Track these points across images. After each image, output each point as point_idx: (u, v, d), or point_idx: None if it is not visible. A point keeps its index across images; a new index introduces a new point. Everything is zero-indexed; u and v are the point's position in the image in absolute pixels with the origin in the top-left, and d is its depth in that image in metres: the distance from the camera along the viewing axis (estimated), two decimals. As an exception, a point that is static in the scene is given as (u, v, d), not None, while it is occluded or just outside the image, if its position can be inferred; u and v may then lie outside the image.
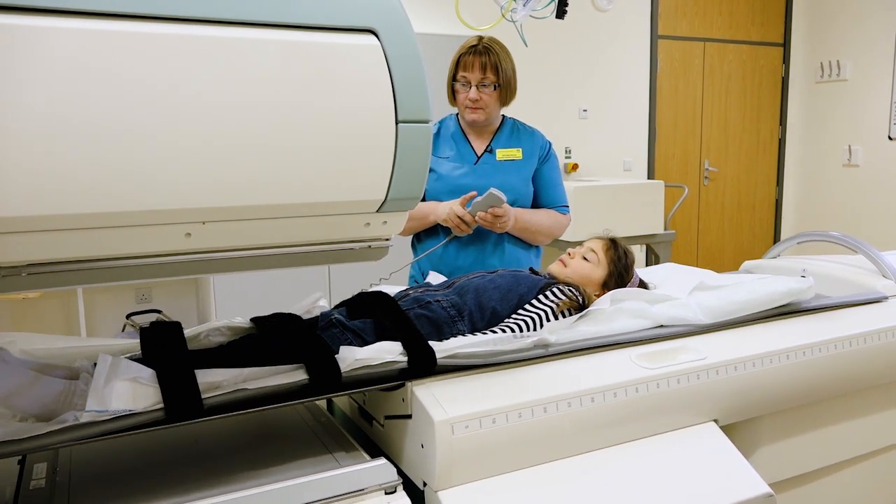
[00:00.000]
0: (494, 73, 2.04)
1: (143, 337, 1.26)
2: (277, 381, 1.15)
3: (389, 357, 1.24)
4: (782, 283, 1.67)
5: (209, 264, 1.04)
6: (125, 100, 0.84)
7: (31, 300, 3.97)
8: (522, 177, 2.12)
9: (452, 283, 1.58)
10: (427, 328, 1.40)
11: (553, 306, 1.52)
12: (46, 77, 0.80)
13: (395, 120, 1.00)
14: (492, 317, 1.50)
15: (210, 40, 0.88)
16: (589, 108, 5.20)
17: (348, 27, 0.96)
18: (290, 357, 1.19)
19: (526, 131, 2.20)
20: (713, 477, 1.36)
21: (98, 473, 1.22)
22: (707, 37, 5.63)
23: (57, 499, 1.13)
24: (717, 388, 1.46)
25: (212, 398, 1.09)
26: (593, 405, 1.31)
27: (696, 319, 1.54)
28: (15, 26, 0.78)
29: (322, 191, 0.99)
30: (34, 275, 0.94)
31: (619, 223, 4.44)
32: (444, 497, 1.19)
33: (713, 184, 5.85)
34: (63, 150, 0.82)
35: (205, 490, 1.11)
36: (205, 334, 1.37)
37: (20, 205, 0.82)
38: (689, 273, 2.00)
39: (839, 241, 2.09)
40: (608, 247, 1.74)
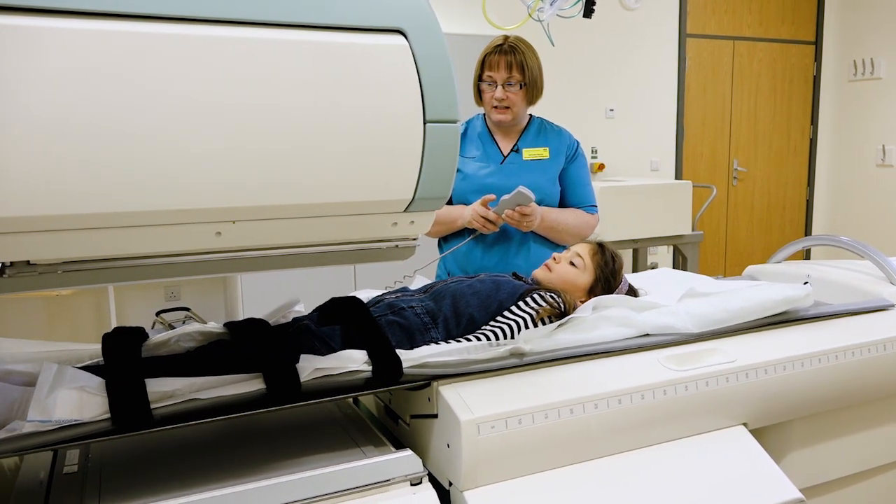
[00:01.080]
0: (520, 71, 2.03)
1: (103, 343, 1.21)
2: (233, 390, 1.11)
3: (353, 366, 1.20)
4: (778, 291, 1.59)
5: (239, 263, 1.05)
6: (159, 101, 0.85)
7: (63, 297, 4.05)
8: (549, 176, 2.11)
9: (430, 288, 1.53)
10: (399, 335, 1.35)
11: (532, 313, 1.45)
12: (84, 77, 0.81)
13: (423, 120, 1.00)
14: (469, 324, 1.44)
15: (241, 42, 0.89)
16: (616, 107, 5.16)
17: (377, 28, 0.97)
18: (249, 365, 1.15)
19: (553, 130, 2.18)
20: (743, 481, 1.34)
21: (130, 459, 1.24)
22: (737, 35, 5.56)
23: (89, 484, 1.16)
24: (746, 391, 1.44)
25: (162, 408, 1.06)
26: (620, 407, 1.30)
27: (685, 328, 1.46)
28: (64, 29, 0.80)
29: (350, 190, 0.99)
30: (69, 272, 0.96)
31: (645, 224, 4.40)
32: (470, 497, 1.19)
33: (742, 184, 5.77)
34: (99, 150, 0.83)
35: (234, 478, 1.12)
36: (175, 339, 1.32)
37: (57, 204, 0.83)
38: (684, 279, 1.94)
39: (845, 246, 2.01)
40: (595, 251, 1.67)
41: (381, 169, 1.00)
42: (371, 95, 0.96)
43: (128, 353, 1.15)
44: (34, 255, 0.91)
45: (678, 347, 1.44)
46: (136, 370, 1.09)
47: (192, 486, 1.10)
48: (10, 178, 0.80)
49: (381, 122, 0.98)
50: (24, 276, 0.94)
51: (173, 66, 0.85)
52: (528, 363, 1.32)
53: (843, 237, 2.07)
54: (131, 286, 4.19)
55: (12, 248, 0.88)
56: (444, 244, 2.19)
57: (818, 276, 1.99)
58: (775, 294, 1.57)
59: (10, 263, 0.92)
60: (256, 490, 1.07)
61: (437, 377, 1.24)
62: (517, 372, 1.30)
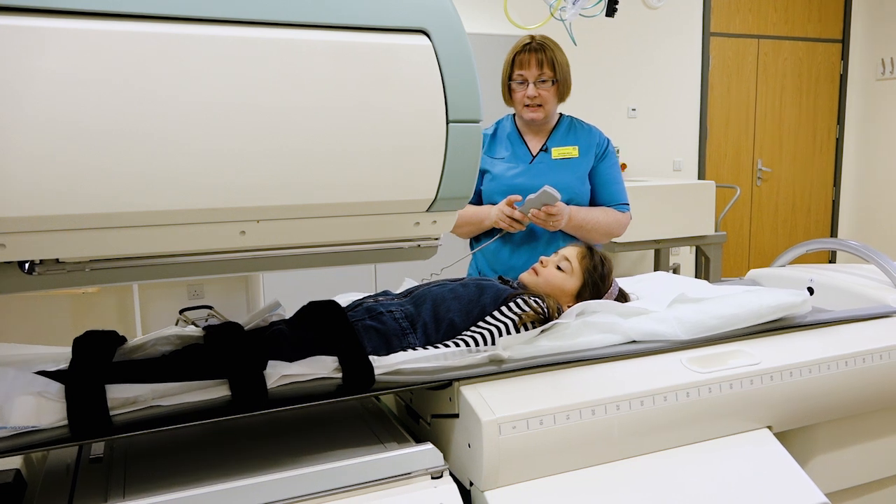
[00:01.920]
0: (551, 68, 2.04)
1: (73, 347, 1.18)
2: (198, 396, 1.10)
3: (322, 373, 1.18)
4: (774, 297, 1.53)
5: (262, 262, 1.06)
6: (186, 102, 0.86)
7: (89, 295, 4.11)
8: (578, 175, 2.09)
9: (412, 292, 1.50)
10: (375, 341, 1.31)
11: (515, 319, 1.41)
12: (114, 78, 0.82)
13: (446, 120, 1.00)
14: (449, 329, 1.40)
15: (266, 42, 0.90)
16: (638, 107, 5.13)
17: (400, 28, 0.97)
18: (215, 371, 1.13)
19: (583, 128, 2.17)
20: (767, 485, 1.33)
21: (155, 447, 1.26)
22: (761, 34, 5.49)
23: (114, 471, 1.18)
24: (771, 393, 1.42)
25: (122, 415, 1.05)
26: (643, 409, 1.29)
27: (673, 335, 1.42)
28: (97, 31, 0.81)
29: (373, 190, 1.00)
30: (96, 270, 0.98)
31: (668, 224, 4.36)
32: (491, 497, 1.19)
33: (766, 184, 5.70)
34: (127, 151, 0.84)
35: (258, 469, 1.13)
36: (152, 343, 1.30)
37: (85, 203, 0.85)
38: (679, 283, 1.89)
39: (850, 250, 1.96)
40: (583, 255, 1.62)
41: (403, 169, 1.00)
42: (394, 95, 0.97)
43: (90, 357, 1.12)
44: (63, 253, 0.92)
45: (702, 349, 1.43)
46: (96, 375, 1.06)
47: (217, 476, 1.11)
48: (39, 178, 0.82)
49: (404, 122, 0.98)
50: (53, 273, 0.96)
51: (199, 67, 0.86)
52: (548, 364, 1.31)
53: (850, 241, 2.01)
54: (155, 284, 4.24)
55: (42, 246, 0.89)
56: (475, 244, 2.19)
57: (821, 280, 1.94)
58: (771, 300, 1.52)
59: (39, 261, 0.94)
60: (280, 481, 1.08)
61: (460, 378, 1.24)
62: (539, 372, 1.30)
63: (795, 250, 2.19)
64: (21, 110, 0.79)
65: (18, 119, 0.79)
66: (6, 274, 0.95)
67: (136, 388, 1.07)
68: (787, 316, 1.55)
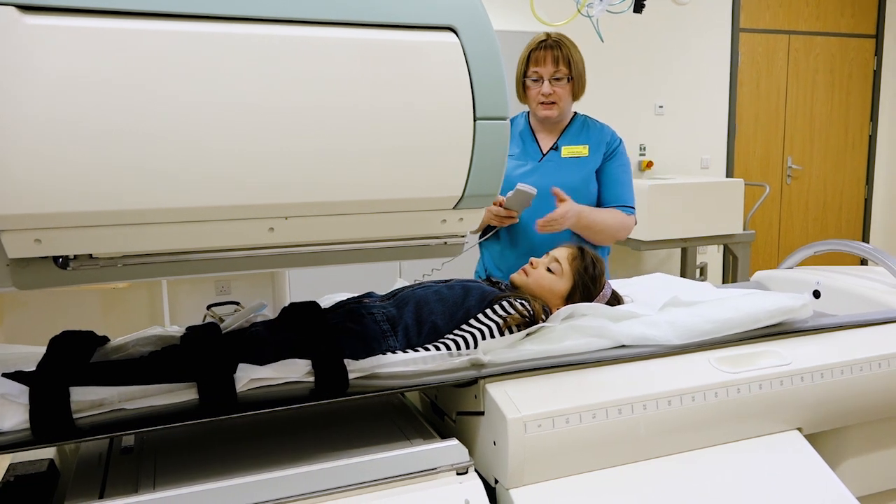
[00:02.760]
0: (567, 66, 2.03)
1: (47, 348, 1.17)
2: (166, 399, 1.08)
3: (294, 377, 1.16)
4: (771, 301, 1.48)
5: (290, 258, 1.07)
6: (217, 101, 0.87)
7: (119, 290, 4.18)
8: (584, 174, 2.07)
9: (396, 294, 1.47)
10: (354, 344, 1.27)
11: (499, 321, 1.38)
12: (142, 76, 0.84)
13: (474, 117, 1.00)
14: (431, 331, 1.37)
15: (294, 40, 0.90)
16: (665, 104, 5.07)
17: (428, 25, 0.97)
18: (184, 374, 1.11)
19: (595, 127, 2.15)
20: (797, 487, 1.31)
21: (184, 440, 1.28)
22: (792, 29, 5.40)
23: (145, 459, 1.20)
24: (801, 395, 1.40)
25: (87, 418, 1.04)
26: (670, 408, 1.28)
27: (664, 339, 1.37)
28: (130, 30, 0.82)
29: (401, 187, 1.00)
30: (128, 266, 0.99)
31: (695, 223, 4.32)
32: (516, 495, 1.19)
33: (797, 182, 5.61)
34: (159, 148, 0.86)
35: (285, 463, 1.14)
36: (133, 344, 1.29)
37: (118, 199, 0.86)
38: (679, 285, 1.84)
39: (859, 252, 1.91)
40: (574, 256, 1.57)
41: (431, 166, 1.00)
42: (422, 93, 0.97)
43: (57, 359, 1.11)
44: (96, 248, 0.94)
45: (730, 349, 1.41)
46: (60, 378, 1.05)
47: (245, 468, 1.12)
48: (74, 175, 0.83)
49: (432, 120, 0.98)
50: (86, 268, 0.98)
51: (228, 65, 0.87)
52: (573, 363, 1.30)
53: (861, 243, 1.95)
54: (183, 280, 4.30)
55: (76, 242, 0.91)
56: (485, 244, 2.19)
57: (829, 283, 1.89)
58: (769, 304, 1.47)
59: (73, 256, 0.96)
60: (307, 474, 1.09)
61: (484, 377, 1.24)
62: (565, 371, 1.29)
63: (803, 252, 2.14)
64: (57, 109, 0.81)
65: (54, 117, 0.81)
66: (41, 269, 0.97)
67: (102, 391, 1.06)
68: (786, 320, 1.50)
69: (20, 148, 0.80)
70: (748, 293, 1.59)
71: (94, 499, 1.07)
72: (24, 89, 0.79)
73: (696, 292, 1.67)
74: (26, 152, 0.81)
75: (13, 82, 0.79)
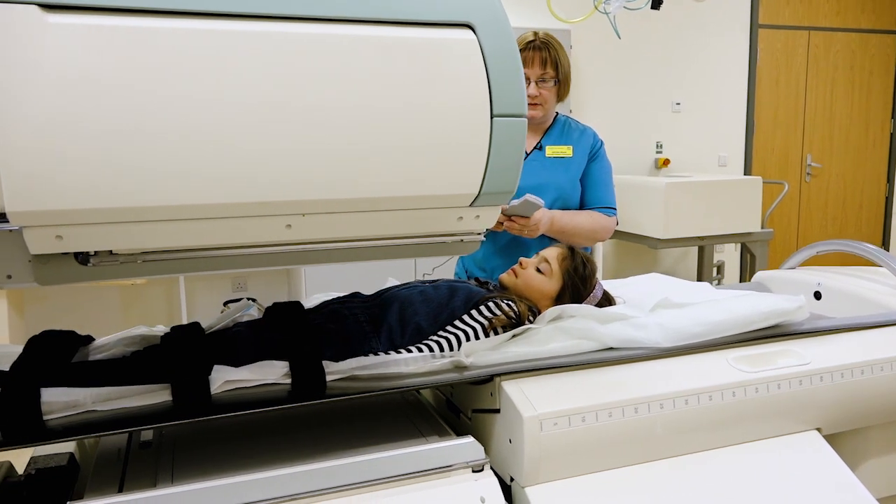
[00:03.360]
0: (554, 68, 2.02)
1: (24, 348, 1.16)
2: (140, 401, 1.07)
3: (270, 379, 1.14)
4: (765, 303, 1.46)
5: (307, 255, 1.08)
6: (235, 98, 0.87)
7: (138, 286, 4.22)
8: (570, 176, 2.08)
9: (381, 294, 1.45)
10: (336, 345, 1.26)
11: (485, 323, 1.36)
12: (161, 75, 0.84)
13: (490, 114, 1.00)
14: (414, 333, 1.34)
15: (311, 37, 0.91)
16: (682, 101, 5.04)
17: (445, 22, 0.97)
18: (159, 375, 1.10)
19: (577, 129, 2.15)
20: (816, 488, 1.30)
21: (201, 435, 1.29)
22: (812, 25, 5.34)
23: (163, 454, 1.21)
24: (821, 395, 1.38)
25: (58, 419, 1.03)
26: (687, 408, 1.27)
27: (653, 342, 1.34)
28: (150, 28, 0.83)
29: (417, 185, 1.00)
30: (148, 262, 1.00)
31: (712, 221, 4.29)
32: (532, 493, 1.19)
33: (816, 180, 5.55)
34: (178, 145, 0.86)
35: (301, 459, 1.15)
36: (115, 343, 1.28)
37: (139, 196, 0.87)
38: (676, 286, 1.80)
39: (861, 253, 1.87)
40: (564, 256, 1.54)
41: (447, 163, 1.00)
42: (439, 90, 0.97)
43: (30, 360, 1.10)
44: (116, 244, 0.95)
45: (748, 348, 1.40)
46: (31, 379, 1.04)
47: (261, 464, 1.13)
48: (95, 172, 0.84)
49: (449, 117, 0.98)
50: (106, 264, 0.99)
51: (245, 62, 0.88)
52: (591, 362, 1.30)
53: (864, 243, 1.91)
54: (201, 277, 4.34)
55: (96, 238, 0.92)
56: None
57: (830, 284, 1.85)
58: (763, 306, 1.44)
59: (94, 252, 0.97)
60: (323, 470, 1.10)
61: (499, 374, 1.24)
62: (582, 369, 1.29)
63: (805, 252, 2.10)
64: (77, 106, 0.82)
65: (75, 115, 0.82)
66: (62, 264, 0.99)
67: (75, 392, 1.06)
68: (781, 323, 1.47)
69: (42, 145, 0.81)
70: (744, 294, 1.56)
71: (114, 492, 1.08)
72: (46, 87, 0.80)
73: (692, 293, 1.64)
74: (48, 149, 0.82)
75: (36, 80, 0.80)
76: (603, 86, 4.78)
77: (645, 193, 4.24)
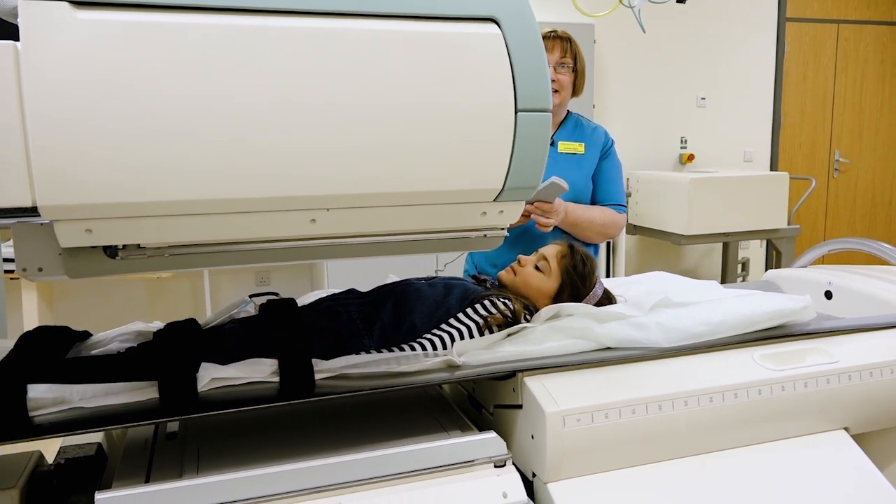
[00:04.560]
0: (572, 57, 2.08)
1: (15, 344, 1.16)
2: (127, 398, 1.07)
3: (258, 377, 1.13)
4: (769, 303, 1.42)
5: (331, 250, 1.08)
6: (262, 95, 0.88)
7: (163, 280, 4.28)
8: (583, 172, 2.10)
9: (376, 291, 1.42)
10: (328, 343, 1.24)
11: (480, 321, 1.34)
12: (188, 71, 0.85)
13: (515, 109, 0.99)
14: (409, 331, 1.32)
15: (337, 33, 0.91)
16: (708, 95, 4.98)
17: (470, 17, 0.97)
18: (146, 372, 1.09)
19: (589, 127, 2.18)
20: (842, 488, 1.28)
21: (226, 427, 1.30)
22: (842, 18, 5.24)
23: (189, 445, 1.23)
24: (849, 394, 1.36)
25: (44, 416, 1.03)
26: (712, 405, 1.26)
27: (652, 342, 1.30)
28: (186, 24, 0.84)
29: (441, 180, 1.00)
30: (175, 256, 1.01)
31: (737, 217, 4.24)
32: (554, 489, 1.18)
33: (844, 176, 5.46)
34: (206, 141, 0.87)
35: (323, 452, 1.15)
36: (112, 339, 1.28)
37: (167, 190, 0.88)
38: (683, 284, 1.76)
39: (874, 251, 1.82)
40: (563, 254, 1.51)
41: (471, 158, 1.00)
42: (463, 85, 0.97)
43: (17, 356, 1.11)
44: (144, 238, 0.96)
45: (774, 346, 1.38)
46: (18, 375, 1.04)
47: (285, 457, 1.13)
48: (124, 168, 0.85)
49: (473, 112, 0.98)
50: (134, 258, 1.00)
51: (271, 58, 0.88)
52: (613, 359, 1.29)
53: (877, 242, 1.86)
54: (224, 271, 4.38)
55: (125, 232, 0.93)
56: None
57: (842, 283, 1.80)
58: (766, 306, 1.41)
59: (122, 246, 0.98)
60: (345, 463, 1.10)
61: (522, 370, 1.23)
62: (606, 366, 1.28)
63: (817, 250, 2.06)
64: (107, 102, 0.83)
65: (104, 110, 0.83)
66: (92, 258, 1.00)
67: (62, 389, 1.06)
68: (786, 323, 1.44)
69: (72, 140, 0.82)
70: (746, 294, 1.53)
71: (141, 482, 1.09)
72: (76, 82, 0.81)
73: (696, 292, 1.60)
74: (78, 144, 0.83)
75: (66, 76, 0.81)
76: (627, 80, 4.74)
77: (669, 189, 4.20)
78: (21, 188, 0.84)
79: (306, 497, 1.07)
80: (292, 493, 1.06)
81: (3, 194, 0.84)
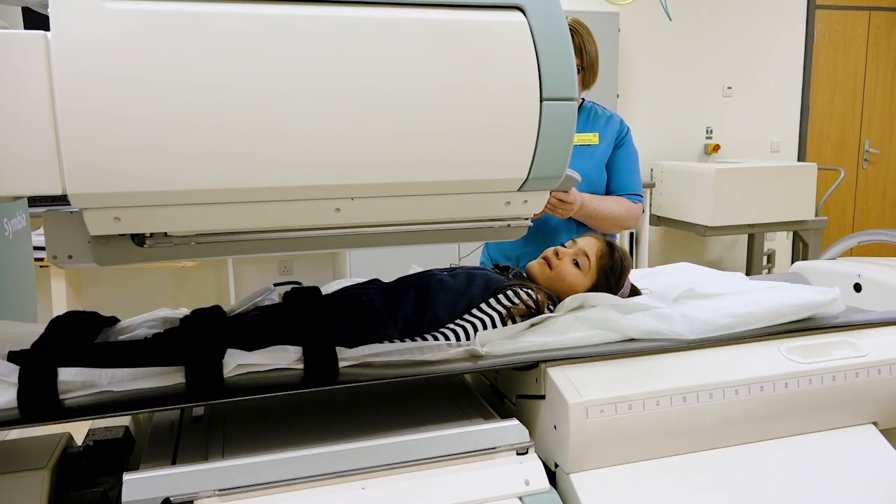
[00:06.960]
0: (579, 56, 1.98)
1: (46, 328, 1.18)
2: (154, 383, 1.08)
3: (283, 363, 1.14)
4: (797, 295, 1.40)
5: (355, 239, 1.09)
6: (287, 82, 0.88)
7: (188, 268, 4.33)
8: (595, 162, 2.06)
9: (399, 282, 1.42)
10: (351, 332, 1.25)
11: (502, 311, 1.33)
12: (216, 60, 0.86)
13: (540, 98, 0.98)
14: (431, 321, 1.32)
15: (362, 21, 0.91)
16: (734, 85, 4.90)
17: (496, 4, 0.96)
18: (173, 358, 1.10)
19: (604, 115, 2.12)
20: (872, 483, 1.26)
21: (253, 410, 1.32)
22: (873, 5, 5.13)
23: (214, 428, 1.25)
24: (878, 388, 1.34)
25: (74, 399, 1.05)
26: (737, 398, 1.25)
27: (678, 334, 1.29)
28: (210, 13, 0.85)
29: (466, 169, 1.00)
30: (201, 244, 1.03)
31: (764, 208, 4.18)
32: (576, 480, 1.18)
33: (874, 167, 5.36)
34: (232, 130, 0.88)
35: (347, 437, 1.16)
36: (139, 325, 1.30)
37: (194, 179, 0.89)
38: (709, 276, 1.72)
39: None
40: (602, 252, 1.48)
41: (496, 147, 1.00)
42: (488, 73, 0.96)
43: (50, 340, 1.13)
44: (171, 226, 0.97)
45: (802, 339, 1.36)
46: (50, 358, 1.06)
47: (310, 441, 1.14)
48: (152, 156, 0.86)
49: (498, 101, 0.97)
50: (161, 246, 1.01)
51: (298, 47, 0.88)
52: (637, 350, 1.28)
53: None
54: (248, 260, 4.43)
55: (153, 220, 0.94)
56: None
57: (871, 276, 1.76)
58: (794, 298, 1.38)
59: (150, 234, 1.00)
60: (370, 448, 1.11)
61: (545, 360, 1.23)
62: (630, 357, 1.28)
63: (846, 242, 2.01)
64: (135, 92, 0.83)
65: (133, 100, 0.84)
66: (120, 246, 1.02)
67: (92, 373, 1.07)
68: (814, 316, 1.41)
69: (101, 129, 0.83)
70: (773, 286, 1.50)
71: (167, 464, 1.11)
72: (105, 72, 0.82)
73: (722, 284, 1.58)
74: (107, 133, 0.84)
75: (95, 65, 0.82)
76: (651, 69, 4.69)
77: (694, 180, 4.15)
78: (52, 176, 0.85)
79: (329, 481, 1.08)
80: (315, 477, 1.08)
81: (34, 182, 0.86)
